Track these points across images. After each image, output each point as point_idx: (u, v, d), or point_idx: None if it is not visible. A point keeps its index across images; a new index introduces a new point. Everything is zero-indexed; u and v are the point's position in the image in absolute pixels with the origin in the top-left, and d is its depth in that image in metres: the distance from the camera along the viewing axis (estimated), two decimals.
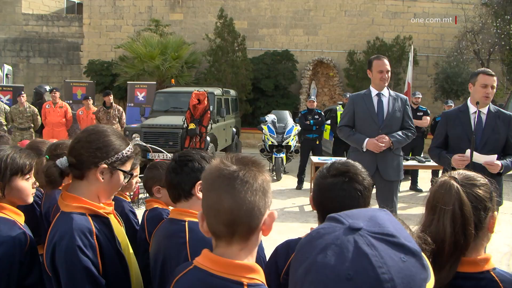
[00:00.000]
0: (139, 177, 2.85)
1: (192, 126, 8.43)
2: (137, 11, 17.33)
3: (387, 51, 15.47)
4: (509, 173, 3.62)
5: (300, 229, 5.78)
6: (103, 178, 1.55)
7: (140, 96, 13.29)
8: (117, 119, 9.64)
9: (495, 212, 1.41)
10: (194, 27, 17.04)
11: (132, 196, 5.15)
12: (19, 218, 1.76)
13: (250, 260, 1.11)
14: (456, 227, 1.31)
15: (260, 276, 1.09)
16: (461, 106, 3.66)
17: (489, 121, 3.43)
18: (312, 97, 9.48)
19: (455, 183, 1.36)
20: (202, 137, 8.56)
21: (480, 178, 1.42)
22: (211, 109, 9.10)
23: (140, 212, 2.65)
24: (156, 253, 1.67)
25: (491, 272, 1.35)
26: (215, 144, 9.74)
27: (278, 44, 16.94)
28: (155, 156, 8.21)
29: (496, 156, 3.30)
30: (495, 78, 3.41)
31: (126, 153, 1.59)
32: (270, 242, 1.86)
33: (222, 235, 1.08)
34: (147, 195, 2.83)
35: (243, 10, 17.03)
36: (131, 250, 1.73)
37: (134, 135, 8.89)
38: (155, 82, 13.89)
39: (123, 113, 9.97)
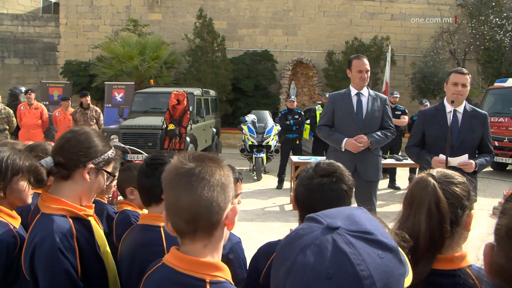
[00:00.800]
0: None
1: (171, 126, 8.37)
2: (115, 10, 17.11)
3: (365, 51, 15.63)
4: (484, 170, 3.69)
5: (281, 229, 5.79)
6: (89, 178, 1.56)
7: (118, 96, 13.13)
8: (94, 120, 9.50)
9: (472, 211, 1.42)
10: (173, 27, 16.92)
11: (110, 199, 5.08)
12: (14, 222, 1.72)
13: (216, 256, 1.13)
14: (431, 223, 1.31)
15: (223, 274, 1.11)
16: (438, 104, 3.70)
17: (465, 120, 3.48)
18: (292, 97, 9.52)
19: (432, 180, 1.37)
20: (181, 138, 8.51)
21: (458, 177, 1.43)
22: (190, 109, 9.04)
23: None
24: (130, 261, 1.63)
25: (467, 269, 1.36)
26: (195, 145, 9.69)
27: (257, 44, 16.96)
28: (134, 158, 8.11)
29: (467, 155, 3.34)
30: (467, 76, 3.46)
31: (110, 155, 1.62)
32: (251, 242, 1.86)
33: (185, 232, 1.10)
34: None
35: (223, 10, 16.99)
36: (110, 254, 1.70)
37: (112, 136, 8.78)
38: (133, 83, 13.75)
39: (101, 114, 9.83)
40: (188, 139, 8.91)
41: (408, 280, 0.79)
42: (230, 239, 1.91)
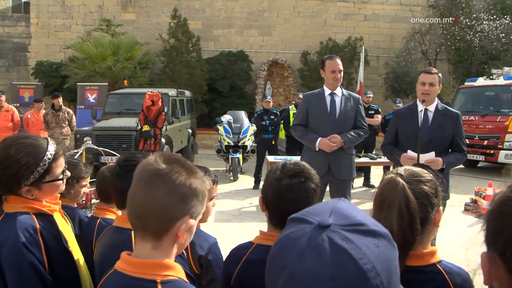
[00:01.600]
0: (91, 182, 2.76)
1: (146, 128, 8.28)
2: (87, 10, 16.82)
3: (339, 52, 15.82)
4: (458, 167, 3.77)
5: (258, 229, 5.76)
6: (32, 195, 1.54)
7: (91, 98, 12.92)
8: (67, 122, 9.31)
9: (441, 208, 1.45)
10: (147, 27, 16.74)
11: (84, 202, 4.98)
12: None
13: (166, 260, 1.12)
14: (403, 224, 1.33)
15: (175, 272, 1.09)
16: (411, 104, 3.78)
17: (436, 119, 3.55)
18: (268, 97, 9.55)
19: (401, 180, 1.38)
20: (156, 139, 8.42)
21: (426, 174, 1.45)
22: (165, 110, 8.97)
23: None
24: (101, 263, 1.62)
25: (438, 265, 1.39)
26: (171, 146, 9.61)
27: (233, 45, 16.95)
28: (108, 160, 7.99)
29: (433, 153, 3.41)
30: (435, 76, 3.53)
31: (42, 168, 1.51)
32: (227, 243, 1.85)
33: (136, 228, 1.10)
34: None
35: (197, 10, 16.91)
36: (78, 250, 1.71)
37: (85, 138, 8.59)
38: (106, 84, 13.56)
39: (73, 116, 9.63)
40: (163, 140, 8.83)
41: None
42: (207, 240, 1.91)
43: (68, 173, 1.70)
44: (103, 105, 10.73)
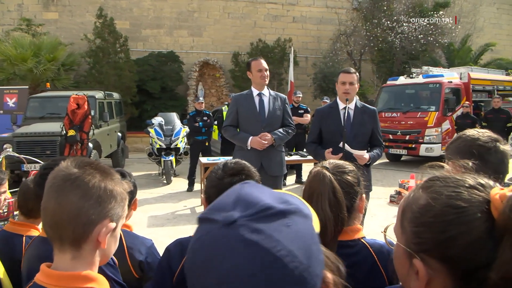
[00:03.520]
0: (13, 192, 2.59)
1: (71, 132, 7.90)
2: (5, 9, 15.75)
3: (269, 53, 16.10)
4: (381, 161, 3.99)
5: (193, 231, 5.72)
6: None
7: (11, 102, 12.09)
8: None
9: (364, 195, 1.59)
10: (71, 27, 15.99)
11: (5, 214, 4.66)
12: None
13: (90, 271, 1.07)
14: (333, 212, 1.44)
15: (97, 284, 1.05)
16: (332, 103, 3.95)
17: (356, 116, 3.75)
18: (201, 98, 9.49)
19: (327, 172, 1.49)
20: (83, 144, 8.07)
21: (348, 166, 1.59)
22: (92, 113, 8.63)
23: None
24: (28, 276, 1.55)
25: (362, 240, 1.55)
26: (99, 151, 9.26)
27: (162, 45, 16.66)
28: (30, 168, 7.53)
29: (366, 151, 3.63)
30: (353, 75, 3.73)
31: None
32: (162, 248, 1.82)
33: (52, 238, 1.05)
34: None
35: (125, 10, 16.43)
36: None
37: (5, 146, 8.05)
38: (27, 87, 12.75)
39: None
40: (90, 145, 8.49)
41: (316, 223, 0.76)
42: (144, 242, 1.89)
43: (5, 190, 1.59)
44: (24, 109, 10.12)
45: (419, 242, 0.80)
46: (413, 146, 11.23)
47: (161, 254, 1.80)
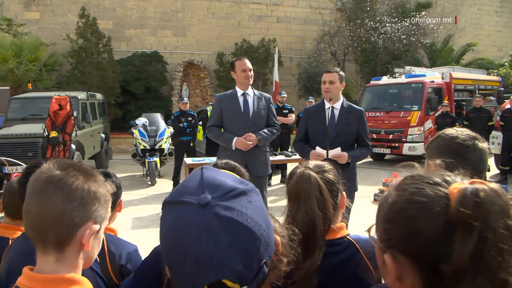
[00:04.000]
0: None
1: (53, 134, 7.79)
2: None
3: (253, 53, 16.11)
4: (365, 160, 4.03)
5: None
6: None
7: None
8: None
9: (344, 192, 1.62)
10: (53, 27, 15.76)
11: None
12: None
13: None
14: (321, 210, 1.46)
15: (82, 287, 1.04)
16: (319, 102, 3.97)
17: (342, 116, 3.75)
18: (185, 99, 9.44)
19: (312, 172, 1.51)
20: (66, 146, 7.95)
21: (327, 165, 1.61)
22: (75, 114, 8.52)
23: None
24: (8, 272, 1.53)
25: (347, 237, 1.57)
26: (82, 152, 9.15)
27: (146, 45, 16.54)
28: (12, 170, 7.40)
29: (339, 148, 3.62)
30: (334, 74, 3.75)
31: None
32: (146, 250, 1.77)
33: (34, 241, 1.04)
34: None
35: (108, 10, 16.26)
36: None
37: None
38: (8, 88, 12.55)
39: None
40: (73, 146, 8.38)
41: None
42: (127, 247, 1.84)
43: None
44: (5, 111, 9.94)
45: (388, 238, 0.83)
46: (397, 145, 11.36)
47: (144, 256, 1.76)
